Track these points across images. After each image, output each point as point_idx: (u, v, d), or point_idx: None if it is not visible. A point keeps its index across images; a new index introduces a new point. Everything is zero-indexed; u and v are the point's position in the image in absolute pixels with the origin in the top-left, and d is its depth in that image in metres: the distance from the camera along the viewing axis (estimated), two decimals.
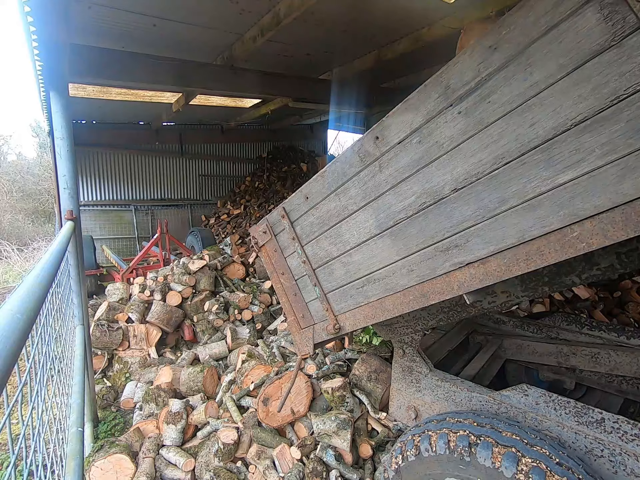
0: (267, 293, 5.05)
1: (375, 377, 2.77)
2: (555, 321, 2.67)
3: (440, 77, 1.33)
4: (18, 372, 0.95)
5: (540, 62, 1.12)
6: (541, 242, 1.21)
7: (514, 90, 1.18)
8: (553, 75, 1.11)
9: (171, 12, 3.98)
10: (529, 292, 2.00)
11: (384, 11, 4.23)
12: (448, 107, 1.33)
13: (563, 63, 1.08)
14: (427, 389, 2.12)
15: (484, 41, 1.22)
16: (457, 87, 1.29)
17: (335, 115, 10.02)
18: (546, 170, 1.16)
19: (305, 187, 1.90)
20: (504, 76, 1.19)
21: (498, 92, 1.21)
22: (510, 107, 1.20)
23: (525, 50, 1.14)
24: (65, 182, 2.83)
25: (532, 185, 1.20)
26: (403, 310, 1.66)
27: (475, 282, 1.39)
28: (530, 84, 1.15)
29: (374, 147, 1.57)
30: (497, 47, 1.19)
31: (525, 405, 1.75)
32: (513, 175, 1.23)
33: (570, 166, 1.12)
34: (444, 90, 1.33)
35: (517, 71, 1.17)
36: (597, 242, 1.11)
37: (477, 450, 1.45)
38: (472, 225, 1.35)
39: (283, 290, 2.22)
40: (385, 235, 1.62)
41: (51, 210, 16.65)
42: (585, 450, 1.54)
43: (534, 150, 1.18)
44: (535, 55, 1.13)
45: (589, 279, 1.90)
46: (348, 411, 2.57)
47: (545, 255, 1.21)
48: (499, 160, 1.25)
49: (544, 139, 1.15)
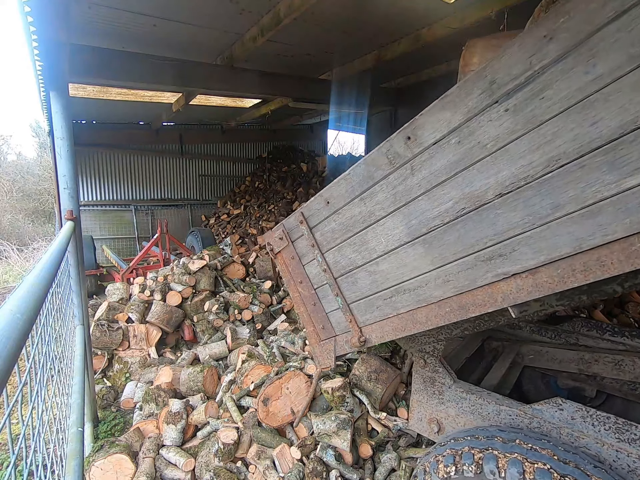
0: (267, 293, 5.04)
1: (375, 377, 2.77)
2: (574, 327, 2.58)
3: (484, 71, 1.21)
4: (18, 372, 0.95)
5: (606, 53, 1.00)
6: (602, 252, 1.11)
7: (573, 85, 1.06)
8: (621, 68, 0.99)
9: (171, 12, 3.98)
10: (565, 301, 1.86)
11: (384, 11, 4.23)
12: (493, 104, 1.21)
13: (634, 54, 0.97)
14: (451, 401, 1.99)
15: (536, 30, 1.10)
16: (504, 82, 1.18)
17: (335, 115, 10.03)
18: (610, 173, 1.05)
19: (326, 191, 1.79)
20: (561, 69, 1.08)
21: (554, 87, 1.10)
22: (568, 104, 1.08)
23: (587, 40, 1.02)
24: (65, 182, 2.83)
25: (593, 190, 1.08)
26: (438, 323, 1.55)
27: (523, 294, 1.28)
28: (592, 77, 1.03)
29: (405, 148, 1.46)
30: (553, 37, 1.07)
31: (559, 421, 1.63)
32: (570, 179, 1.12)
33: (639, 169, 1.01)
34: (488, 86, 1.21)
35: (577, 63, 1.05)
36: None
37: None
38: (520, 233, 1.25)
39: (301, 300, 2.12)
40: (417, 243, 1.52)
41: (51, 210, 16.65)
42: (628, 470, 1.43)
43: (596, 152, 1.07)
44: (599, 45, 1.01)
45: (633, 287, 1.78)
46: (348, 411, 2.57)
47: (607, 266, 1.10)
48: (553, 162, 1.14)
49: (608, 139, 1.04)
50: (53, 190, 16.04)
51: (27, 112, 40.29)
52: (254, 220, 8.89)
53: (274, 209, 8.98)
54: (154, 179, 9.97)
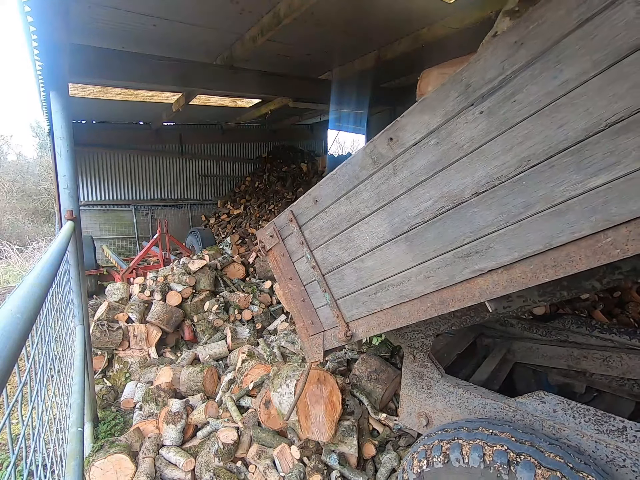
0: (267, 293, 5.04)
1: (375, 377, 2.77)
2: (564, 324, 2.62)
3: (460, 75, 1.25)
4: (18, 372, 0.95)
5: (572, 59, 1.05)
6: (571, 249, 1.15)
7: (542, 89, 1.11)
8: (586, 73, 1.03)
9: (171, 12, 3.97)
10: (547, 297, 1.91)
11: (384, 11, 4.23)
12: (469, 107, 1.26)
13: (597, 59, 1.01)
14: (439, 395, 2.05)
15: (507, 37, 1.14)
16: (479, 85, 1.22)
17: (335, 115, 10.03)
18: (577, 173, 1.09)
19: (314, 190, 1.84)
20: (530, 74, 1.12)
21: (524, 91, 1.14)
22: (537, 107, 1.13)
23: (554, 46, 1.07)
24: (65, 182, 2.83)
25: (561, 189, 1.13)
26: (420, 317, 1.60)
27: (499, 289, 1.33)
28: (560, 82, 1.08)
29: (388, 149, 1.50)
30: (524, 43, 1.11)
31: (542, 413, 1.68)
32: (540, 179, 1.16)
33: (603, 169, 1.05)
34: (464, 89, 1.25)
35: (545, 68, 1.10)
36: (634, 249, 1.04)
37: (517, 469, 1.38)
38: (495, 231, 1.29)
39: (291, 296, 2.15)
40: (400, 240, 1.56)
41: (51, 210, 16.65)
42: (606, 460, 1.48)
43: (564, 153, 1.11)
44: (565, 51, 1.05)
45: (611, 283, 1.82)
46: (348, 414, 2.56)
47: (576, 261, 1.15)
48: (525, 163, 1.18)
49: (575, 140, 1.08)
50: (53, 190, 16.04)
51: (27, 112, 40.32)
52: (254, 220, 8.90)
53: (274, 209, 8.99)
54: (154, 179, 9.98)
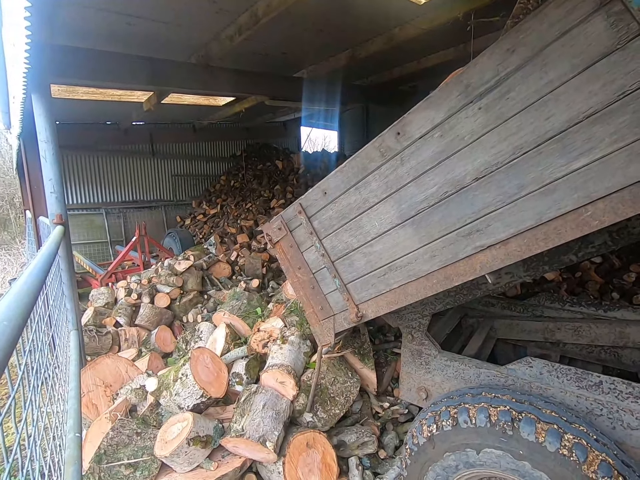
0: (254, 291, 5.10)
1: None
2: (539, 300, 2.88)
3: (461, 77, 1.45)
4: (9, 379, 0.96)
5: (555, 63, 1.26)
6: (558, 223, 1.34)
7: (531, 88, 1.31)
8: (566, 74, 1.24)
9: (146, 11, 3.92)
10: (531, 272, 2.13)
11: (359, 11, 4.36)
12: (469, 104, 1.44)
13: (575, 63, 1.22)
14: (436, 369, 2.19)
15: (502, 44, 1.36)
16: (477, 85, 1.41)
17: (308, 112, 10.11)
18: (561, 158, 1.30)
19: (323, 183, 1.97)
20: (521, 75, 1.32)
21: (516, 90, 1.34)
22: (527, 103, 1.33)
23: (540, 53, 1.28)
24: (51, 186, 2.79)
25: (549, 172, 1.33)
26: (427, 293, 1.74)
27: (497, 262, 1.50)
28: (545, 81, 1.28)
29: (396, 142, 1.66)
30: (515, 50, 1.32)
31: (530, 377, 1.86)
32: (531, 164, 1.36)
33: (583, 153, 1.25)
34: (464, 89, 1.45)
35: (533, 71, 1.30)
36: (609, 219, 1.24)
37: (520, 425, 1.53)
38: (493, 211, 1.47)
39: (300, 285, 2.26)
40: (407, 224, 1.71)
41: (6, 217, 15.62)
42: (586, 412, 1.67)
43: (550, 141, 1.31)
44: (550, 56, 1.26)
45: (585, 256, 2.06)
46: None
47: (563, 233, 1.34)
48: (518, 150, 1.37)
49: (559, 130, 1.28)
50: (13, 196, 15.09)
51: None
52: (232, 219, 8.83)
53: (252, 207, 8.95)
54: (124, 180, 9.65)
